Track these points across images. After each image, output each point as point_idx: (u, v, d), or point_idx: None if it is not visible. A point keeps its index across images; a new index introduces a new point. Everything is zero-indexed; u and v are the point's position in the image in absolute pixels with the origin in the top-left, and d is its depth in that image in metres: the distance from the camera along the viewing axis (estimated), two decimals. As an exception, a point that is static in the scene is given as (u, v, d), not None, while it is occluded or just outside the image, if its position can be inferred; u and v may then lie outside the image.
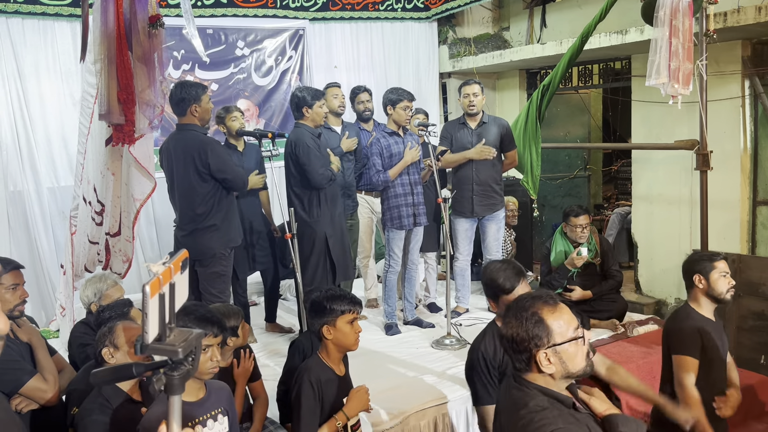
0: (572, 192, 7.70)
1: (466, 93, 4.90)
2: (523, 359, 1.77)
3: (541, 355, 1.73)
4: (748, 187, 5.24)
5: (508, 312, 1.84)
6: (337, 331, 2.57)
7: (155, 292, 1.05)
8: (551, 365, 1.73)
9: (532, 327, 1.74)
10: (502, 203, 5.08)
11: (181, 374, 1.08)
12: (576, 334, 1.75)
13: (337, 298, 2.60)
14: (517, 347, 1.77)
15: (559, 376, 1.75)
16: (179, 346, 1.07)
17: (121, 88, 3.08)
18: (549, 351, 1.73)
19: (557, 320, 1.75)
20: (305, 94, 4.27)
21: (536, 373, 1.76)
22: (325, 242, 4.27)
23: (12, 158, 5.15)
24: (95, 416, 2.24)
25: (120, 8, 3.07)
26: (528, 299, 1.82)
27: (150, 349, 1.06)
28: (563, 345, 1.73)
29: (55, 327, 4.90)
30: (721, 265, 2.93)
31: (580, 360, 1.75)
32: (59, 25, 5.25)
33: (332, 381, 2.59)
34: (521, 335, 1.75)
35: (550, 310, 1.76)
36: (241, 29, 6.06)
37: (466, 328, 4.76)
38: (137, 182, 3.73)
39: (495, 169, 4.98)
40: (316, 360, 2.63)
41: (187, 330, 1.12)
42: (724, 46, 4.98)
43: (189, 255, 1.16)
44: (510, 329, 1.79)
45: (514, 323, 1.78)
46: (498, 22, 7.56)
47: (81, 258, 4.09)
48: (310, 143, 4.17)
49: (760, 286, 4.23)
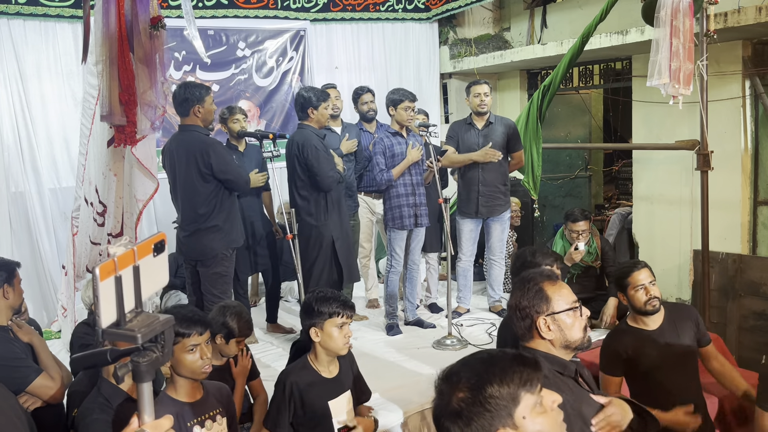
0: (573, 192, 7.70)
1: (476, 92, 4.90)
2: (526, 326, 1.93)
3: (540, 321, 1.90)
4: (748, 187, 5.24)
5: (515, 284, 2.05)
6: (324, 335, 2.54)
7: (107, 275, 0.99)
8: (550, 332, 1.90)
9: (533, 296, 1.92)
10: (507, 205, 5.07)
11: (148, 361, 1.04)
12: (573, 305, 1.92)
13: (327, 301, 2.55)
14: (521, 314, 1.94)
15: (558, 344, 1.90)
16: (138, 331, 1.01)
17: (122, 89, 3.08)
18: (548, 318, 1.90)
19: (556, 292, 1.93)
20: (311, 94, 4.27)
21: (538, 339, 1.92)
22: (332, 245, 4.27)
23: (14, 159, 5.17)
24: (96, 415, 2.24)
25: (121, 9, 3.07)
26: (532, 274, 2.02)
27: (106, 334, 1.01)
28: (561, 314, 1.90)
29: (57, 328, 4.91)
30: (635, 279, 2.88)
31: (577, 330, 1.91)
32: (60, 26, 5.27)
33: (316, 384, 2.56)
34: (524, 303, 1.93)
35: (550, 284, 1.96)
36: (242, 30, 6.07)
37: (467, 328, 4.77)
38: (140, 183, 3.74)
39: (501, 170, 4.96)
40: (302, 363, 2.61)
41: (153, 315, 1.06)
42: (725, 47, 4.98)
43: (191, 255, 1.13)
44: (515, 299, 1.98)
45: (519, 293, 1.96)
46: (499, 23, 7.56)
47: (82, 259, 4.10)
48: (318, 145, 4.17)
49: (761, 286, 4.24)
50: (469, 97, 4.97)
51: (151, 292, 1.09)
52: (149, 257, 1.07)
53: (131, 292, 1.03)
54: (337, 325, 2.54)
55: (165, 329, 1.06)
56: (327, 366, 2.61)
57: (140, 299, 1.04)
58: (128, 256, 1.03)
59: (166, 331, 1.07)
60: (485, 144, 4.86)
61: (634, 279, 2.88)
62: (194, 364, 2.22)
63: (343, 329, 2.56)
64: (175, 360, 2.21)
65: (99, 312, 0.98)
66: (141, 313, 1.05)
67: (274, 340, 4.75)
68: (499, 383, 1.33)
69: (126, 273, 1.02)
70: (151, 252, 1.08)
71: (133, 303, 1.03)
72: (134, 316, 1.04)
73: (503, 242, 5.12)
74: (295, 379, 2.53)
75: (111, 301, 1.00)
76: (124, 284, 1.01)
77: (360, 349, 4.41)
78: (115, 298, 1.00)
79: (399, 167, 4.58)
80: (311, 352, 2.62)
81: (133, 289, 1.03)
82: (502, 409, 1.32)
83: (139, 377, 1.05)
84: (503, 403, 1.32)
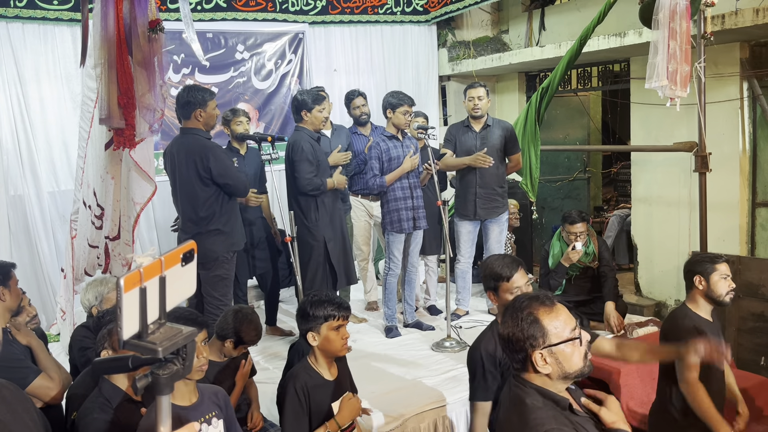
0: (572, 194, 7.70)
1: (471, 96, 4.90)
2: (520, 359, 1.77)
3: (536, 356, 1.73)
4: (747, 188, 5.24)
5: (506, 312, 1.84)
6: (322, 338, 2.52)
7: (131, 286, 0.97)
8: (547, 365, 1.73)
9: (528, 327, 1.74)
10: (505, 206, 5.08)
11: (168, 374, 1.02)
12: (573, 334, 1.74)
13: (321, 304, 2.53)
14: (514, 347, 1.77)
15: (555, 377, 1.74)
16: (160, 345, 0.99)
17: (121, 92, 3.09)
18: (545, 351, 1.72)
19: (553, 321, 1.75)
20: (306, 97, 4.29)
21: (533, 372, 1.76)
22: (324, 247, 4.27)
23: (12, 162, 5.17)
24: (96, 414, 2.24)
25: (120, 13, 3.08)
26: (525, 299, 1.82)
27: (128, 345, 0.99)
28: (559, 345, 1.73)
29: (56, 331, 4.90)
30: (722, 268, 2.93)
31: (577, 360, 1.74)
32: (59, 29, 5.27)
33: (322, 386, 2.56)
34: (517, 335, 1.75)
35: (546, 311, 1.76)
36: (240, 33, 6.08)
37: (466, 330, 4.77)
38: (137, 186, 3.74)
39: (499, 172, 4.98)
40: (304, 365, 2.59)
41: (177, 328, 1.04)
42: (722, 48, 4.99)
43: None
44: (506, 329, 1.79)
45: (510, 323, 1.78)
46: (497, 25, 7.58)
47: (81, 262, 4.10)
48: (305, 146, 4.19)
49: (760, 288, 4.24)
50: (465, 100, 4.98)
51: (178, 302, 1.06)
52: (177, 267, 1.05)
53: (156, 303, 1.01)
54: (334, 327, 2.52)
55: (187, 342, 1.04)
56: (327, 368, 2.61)
57: (164, 310, 1.02)
58: (155, 267, 1.00)
59: (188, 345, 1.05)
60: (482, 146, 4.87)
61: (722, 267, 2.92)
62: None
63: (340, 331, 2.54)
64: None
65: (121, 323, 0.96)
66: (164, 324, 1.03)
67: (273, 342, 4.75)
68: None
69: (151, 284, 1.00)
70: (179, 262, 1.05)
71: (157, 314, 1.01)
72: (157, 328, 1.02)
73: (501, 243, 5.13)
74: (304, 382, 2.52)
75: (134, 312, 0.98)
76: (149, 295, 0.99)
77: (359, 352, 4.41)
78: (138, 310, 0.98)
79: (393, 174, 4.57)
80: (311, 355, 2.61)
81: (158, 299, 1.01)
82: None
83: (159, 390, 1.03)
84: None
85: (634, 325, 4.51)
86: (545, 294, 1.84)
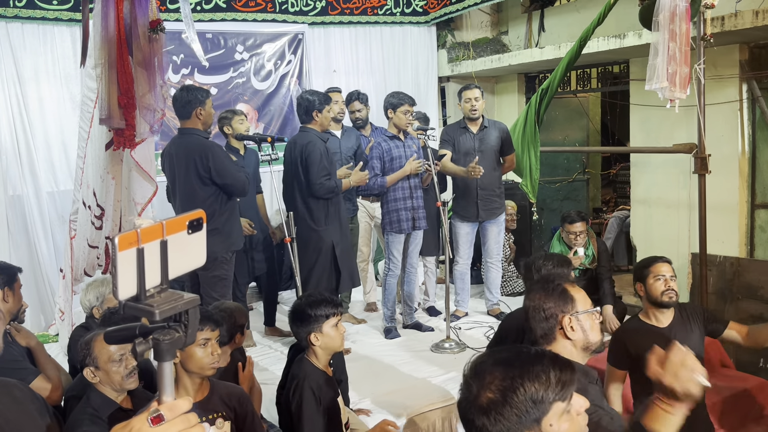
0: (571, 195, 7.70)
1: (467, 98, 4.90)
2: (549, 327, 1.93)
3: (566, 320, 1.90)
4: (746, 190, 5.25)
5: (534, 287, 2.04)
6: (325, 337, 2.58)
7: (127, 246, 0.94)
8: (574, 332, 1.90)
9: (558, 296, 1.94)
10: (503, 207, 5.11)
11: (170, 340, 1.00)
12: (593, 307, 1.95)
13: (320, 304, 2.59)
14: (544, 314, 1.93)
15: (579, 345, 1.91)
16: (158, 308, 0.97)
17: (121, 92, 3.08)
18: (573, 317, 1.91)
19: (577, 293, 1.96)
20: (315, 97, 4.28)
21: (561, 340, 1.91)
22: (332, 250, 4.26)
23: (11, 162, 5.16)
24: (86, 427, 2.20)
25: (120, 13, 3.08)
26: (553, 275, 2.12)
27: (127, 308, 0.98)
28: (584, 314, 1.92)
29: (54, 331, 4.90)
30: (657, 269, 2.90)
31: (596, 332, 1.93)
32: (59, 29, 5.26)
33: (327, 383, 2.61)
34: (548, 304, 1.93)
35: (570, 286, 1.99)
36: (240, 34, 6.07)
37: (465, 331, 4.77)
38: (138, 186, 3.74)
39: (496, 174, 5.00)
40: (308, 365, 2.62)
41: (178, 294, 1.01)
42: (722, 50, 5.00)
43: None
44: (536, 300, 1.96)
45: (541, 294, 1.96)
46: (497, 27, 7.58)
47: (80, 262, 4.09)
48: (321, 148, 4.17)
49: (759, 289, 4.24)
50: (461, 102, 4.97)
51: (184, 271, 1.04)
52: (182, 234, 1.02)
53: (156, 268, 0.99)
54: (334, 324, 2.60)
55: (189, 309, 1.01)
56: (326, 366, 2.66)
57: (167, 276, 1.00)
58: (155, 230, 0.98)
59: (190, 311, 1.02)
60: (481, 147, 4.88)
61: (656, 269, 2.91)
62: (204, 360, 2.25)
63: (339, 327, 2.62)
64: (185, 354, 2.22)
65: (116, 282, 0.94)
66: (166, 290, 1.00)
67: (272, 343, 4.75)
68: (534, 391, 1.27)
69: (151, 247, 0.97)
70: (185, 229, 1.03)
71: (158, 279, 0.99)
72: (158, 293, 0.99)
73: (500, 244, 5.13)
74: (316, 382, 2.55)
75: (131, 273, 0.96)
76: (147, 258, 0.97)
77: (358, 353, 4.41)
78: (135, 271, 0.96)
79: (394, 176, 4.57)
80: (310, 355, 2.64)
81: (159, 264, 0.99)
82: (531, 415, 1.28)
83: (160, 356, 1.01)
84: (533, 410, 1.28)
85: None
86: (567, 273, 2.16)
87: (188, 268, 1.05)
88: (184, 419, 0.98)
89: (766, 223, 5.25)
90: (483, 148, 4.90)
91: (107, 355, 2.32)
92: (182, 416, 0.98)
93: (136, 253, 0.95)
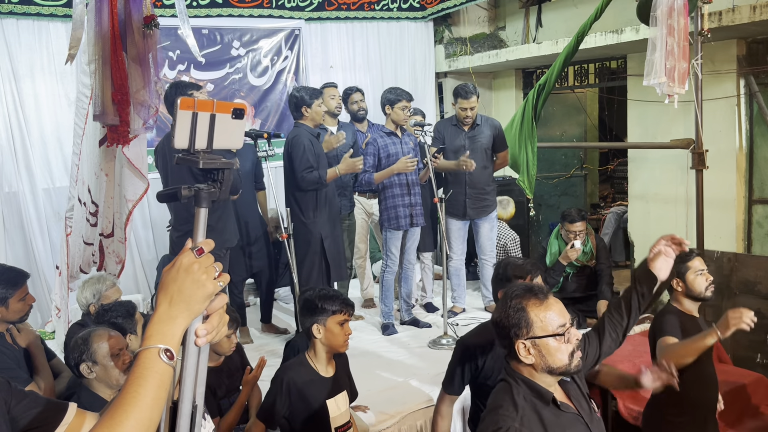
0: (569, 191, 7.70)
1: (463, 107, 4.86)
2: (506, 345, 1.81)
3: (519, 345, 1.75)
4: (743, 185, 5.24)
5: (501, 298, 1.88)
6: (327, 331, 2.58)
7: (186, 108, 1.16)
8: (530, 356, 1.75)
9: (514, 315, 1.77)
10: (494, 205, 5.10)
11: (208, 189, 1.22)
12: (559, 330, 1.74)
13: (330, 298, 2.61)
14: (500, 333, 1.81)
15: (539, 369, 1.76)
16: (201, 158, 1.19)
17: (115, 88, 3.06)
18: (528, 342, 1.74)
19: (541, 313, 1.76)
20: (303, 93, 4.27)
21: (517, 362, 1.78)
22: (320, 243, 4.26)
23: (7, 159, 5.14)
24: None
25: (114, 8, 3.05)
26: (519, 289, 1.84)
27: (179, 159, 1.21)
28: (544, 339, 1.73)
29: (51, 328, 4.88)
30: (695, 264, 2.92)
31: (561, 356, 1.74)
32: (54, 25, 5.23)
33: (314, 382, 2.59)
34: (503, 322, 1.79)
35: (536, 303, 1.77)
36: (236, 29, 6.05)
37: (462, 327, 4.76)
38: (130, 183, 3.71)
39: (487, 171, 4.98)
40: (300, 360, 2.64)
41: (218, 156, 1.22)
42: (720, 45, 4.98)
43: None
44: (496, 314, 1.84)
45: (500, 309, 1.82)
46: (494, 22, 7.56)
47: (76, 259, 4.07)
48: (305, 142, 4.16)
49: (756, 285, 4.24)
50: (455, 104, 4.94)
51: (225, 146, 1.24)
52: (227, 116, 1.22)
53: (205, 134, 1.20)
54: (339, 322, 2.59)
55: (224, 168, 1.23)
56: (325, 365, 2.64)
57: (212, 144, 1.21)
58: (207, 104, 1.19)
59: (225, 172, 1.23)
60: (471, 146, 4.86)
61: (695, 264, 2.91)
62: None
63: (344, 327, 2.61)
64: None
65: (173, 133, 1.18)
66: (210, 153, 1.22)
67: (269, 340, 4.74)
68: None
69: (203, 116, 1.18)
70: (230, 113, 1.23)
71: (205, 144, 1.21)
72: (203, 153, 1.21)
73: (493, 240, 5.13)
74: (293, 376, 2.57)
75: (186, 130, 1.18)
76: (199, 123, 1.18)
77: (356, 349, 4.40)
78: (189, 130, 1.18)
79: (382, 173, 4.54)
80: (310, 350, 2.65)
81: (207, 132, 1.20)
82: None
83: (198, 202, 1.23)
84: None
85: (630, 322, 4.50)
86: (541, 287, 1.85)
87: (228, 145, 1.25)
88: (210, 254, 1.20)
89: (763, 218, 5.25)
90: (473, 146, 4.88)
91: (105, 349, 2.31)
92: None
93: (191, 116, 1.17)
